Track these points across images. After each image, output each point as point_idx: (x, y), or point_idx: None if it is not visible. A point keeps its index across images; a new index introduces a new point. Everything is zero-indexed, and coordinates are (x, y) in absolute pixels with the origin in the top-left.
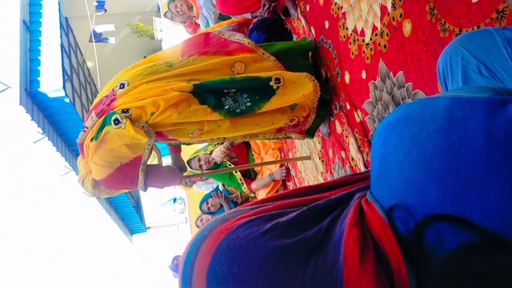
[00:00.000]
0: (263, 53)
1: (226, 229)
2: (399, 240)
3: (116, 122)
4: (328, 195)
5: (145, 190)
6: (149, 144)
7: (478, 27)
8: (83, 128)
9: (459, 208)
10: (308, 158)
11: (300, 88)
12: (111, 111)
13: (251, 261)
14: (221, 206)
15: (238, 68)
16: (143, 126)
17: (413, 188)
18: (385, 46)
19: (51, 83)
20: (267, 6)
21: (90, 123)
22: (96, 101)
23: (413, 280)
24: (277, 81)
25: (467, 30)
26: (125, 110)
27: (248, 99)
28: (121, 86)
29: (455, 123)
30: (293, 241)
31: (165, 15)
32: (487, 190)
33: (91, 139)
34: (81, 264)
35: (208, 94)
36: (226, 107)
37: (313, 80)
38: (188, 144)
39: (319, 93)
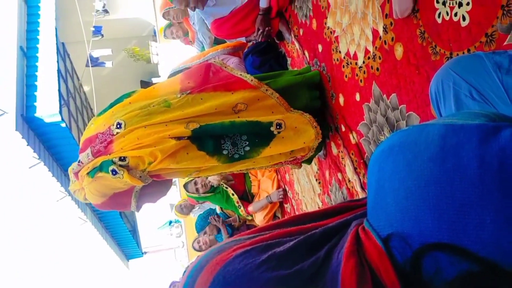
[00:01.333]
0: (267, 90)
1: (222, 260)
2: (396, 270)
3: (114, 173)
4: (325, 223)
5: (137, 210)
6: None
7: (468, 50)
8: (78, 161)
9: (455, 236)
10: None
11: (302, 136)
12: (108, 159)
13: None
14: (219, 230)
15: (240, 107)
16: (140, 177)
17: (409, 216)
18: (377, 69)
19: (48, 108)
20: (261, 30)
21: (85, 159)
22: (91, 132)
23: None
24: (278, 127)
25: (457, 54)
26: (122, 158)
27: (248, 142)
28: (118, 125)
29: (449, 151)
30: (289, 272)
31: (164, 37)
32: (483, 218)
33: (87, 174)
34: None
35: (206, 138)
36: (224, 152)
37: (315, 127)
38: None
39: (321, 138)
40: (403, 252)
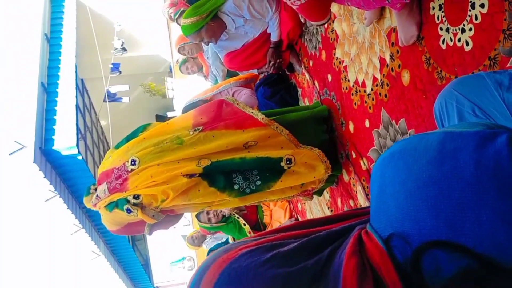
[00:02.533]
0: (277, 127)
1: (228, 259)
2: (397, 269)
3: (128, 211)
4: (329, 227)
5: (150, 234)
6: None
7: (473, 73)
8: (96, 195)
9: (453, 234)
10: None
11: (312, 171)
12: (124, 197)
13: None
14: None
15: (250, 143)
16: (153, 215)
17: (408, 216)
18: (386, 96)
19: (65, 141)
20: (272, 62)
21: (102, 194)
22: (107, 166)
23: None
24: (288, 162)
25: None
26: (136, 196)
27: (259, 177)
28: (133, 162)
29: (447, 155)
30: (293, 270)
31: (180, 70)
32: (479, 216)
33: (105, 207)
34: None
35: (217, 174)
36: (236, 187)
37: (325, 162)
38: None
39: (330, 172)
40: (403, 252)
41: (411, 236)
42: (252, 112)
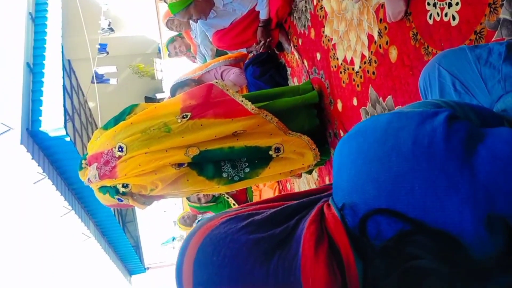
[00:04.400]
0: (266, 115)
1: (210, 226)
2: (349, 234)
3: (120, 200)
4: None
5: (144, 208)
6: None
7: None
8: (88, 178)
9: (391, 202)
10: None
11: (300, 158)
12: (114, 184)
13: (227, 251)
14: None
15: (239, 131)
16: (144, 202)
17: (356, 188)
18: (373, 73)
19: (52, 122)
20: (262, 42)
21: (93, 179)
22: (96, 147)
23: (360, 266)
24: (276, 150)
25: None
26: (125, 185)
27: (247, 164)
28: (120, 149)
29: (390, 134)
30: (263, 236)
31: (168, 55)
32: (412, 186)
33: (98, 189)
34: None
35: (206, 163)
36: (224, 175)
37: (314, 149)
38: None
39: (319, 159)
40: (353, 219)
41: (358, 205)
42: (242, 101)
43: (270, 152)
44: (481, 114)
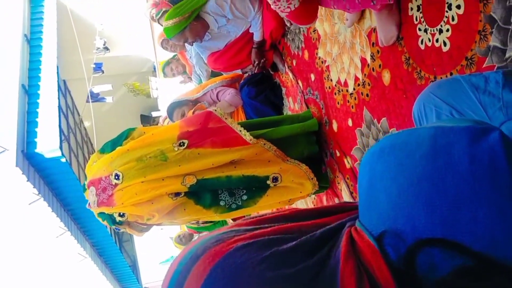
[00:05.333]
0: (264, 144)
1: (222, 252)
2: (391, 267)
3: (117, 229)
4: (322, 222)
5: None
6: None
7: (451, 73)
8: (88, 203)
9: (449, 231)
10: None
11: (299, 187)
12: (111, 212)
13: None
14: None
15: (237, 160)
16: (141, 230)
17: (402, 213)
18: (367, 95)
19: (48, 143)
20: (257, 62)
21: (92, 204)
22: (93, 172)
23: None
24: (274, 180)
25: (441, 77)
26: (122, 214)
27: (245, 191)
28: (116, 177)
29: (440, 149)
30: (290, 272)
31: (164, 76)
32: (475, 213)
33: (98, 214)
34: None
35: (203, 192)
36: (221, 203)
37: (312, 178)
38: None
39: (318, 188)
40: (397, 249)
41: (404, 233)
42: (240, 131)
43: (268, 182)
44: None
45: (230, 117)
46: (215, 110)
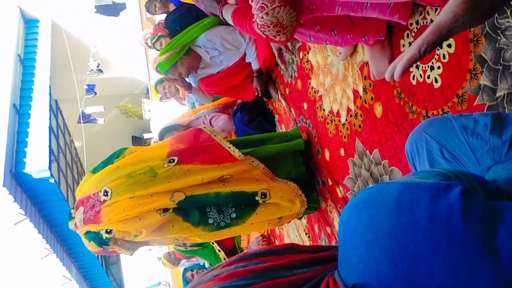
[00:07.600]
0: (252, 161)
1: None
2: None
3: (105, 249)
4: (309, 275)
5: (131, 254)
6: None
7: (442, 110)
8: (74, 224)
9: (409, 285)
10: None
11: (288, 204)
12: (97, 230)
13: None
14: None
15: (226, 176)
16: (128, 248)
17: (369, 267)
18: (360, 126)
19: (37, 164)
20: (260, 89)
21: (79, 223)
22: (83, 191)
23: None
24: (263, 196)
25: (432, 113)
26: (108, 230)
27: (234, 209)
28: (105, 193)
29: (404, 207)
30: None
31: (160, 99)
32: (432, 268)
33: (84, 235)
34: None
35: (192, 209)
36: (210, 221)
37: (300, 196)
38: None
39: (306, 205)
40: None
41: (371, 286)
42: (229, 147)
43: (257, 198)
44: (484, 185)
45: None
46: (205, 128)
